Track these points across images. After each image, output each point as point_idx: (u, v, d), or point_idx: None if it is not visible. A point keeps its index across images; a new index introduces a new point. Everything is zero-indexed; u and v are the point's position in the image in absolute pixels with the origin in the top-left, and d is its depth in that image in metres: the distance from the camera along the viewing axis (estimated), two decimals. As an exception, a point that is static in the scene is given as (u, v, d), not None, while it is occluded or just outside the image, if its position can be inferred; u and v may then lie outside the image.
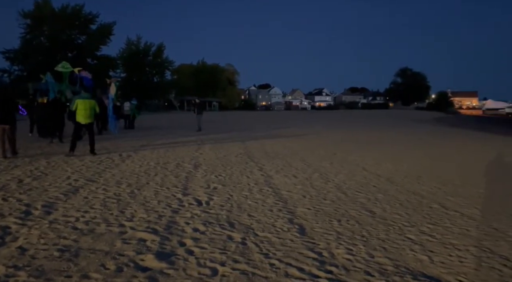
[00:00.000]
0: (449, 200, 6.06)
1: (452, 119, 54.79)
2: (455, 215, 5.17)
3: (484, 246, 3.99)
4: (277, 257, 3.40)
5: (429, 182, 7.52)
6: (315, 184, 6.89)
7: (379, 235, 4.19)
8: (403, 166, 9.49)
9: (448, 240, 4.12)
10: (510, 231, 4.54)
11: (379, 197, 6.12)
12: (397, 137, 19.14)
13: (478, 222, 4.88)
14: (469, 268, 3.35)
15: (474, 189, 7.01)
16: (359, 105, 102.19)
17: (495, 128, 33.27)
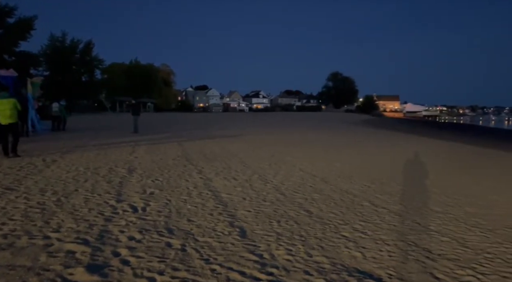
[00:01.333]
0: (378, 198, 6.48)
1: (378, 121, 58.92)
2: (383, 212, 5.54)
3: (410, 240, 4.32)
4: (218, 262, 3.35)
5: (360, 181, 7.98)
6: (255, 186, 6.94)
7: (317, 234, 4.33)
8: (337, 166, 9.96)
9: (378, 236, 4.40)
10: (431, 225, 4.97)
11: (315, 196, 6.34)
12: (330, 139, 20.08)
13: (404, 218, 5.28)
14: (397, 262, 3.60)
15: (399, 186, 7.58)
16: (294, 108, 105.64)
17: (415, 130, 36.47)
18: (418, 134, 29.04)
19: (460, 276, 3.32)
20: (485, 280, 3.26)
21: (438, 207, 5.98)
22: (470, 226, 5.00)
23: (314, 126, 32.82)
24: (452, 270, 3.45)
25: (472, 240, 4.39)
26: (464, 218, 5.38)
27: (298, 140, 18.16)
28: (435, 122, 70.20)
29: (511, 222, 5.24)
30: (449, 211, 5.77)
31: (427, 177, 8.83)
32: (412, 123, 56.24)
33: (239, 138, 17.90)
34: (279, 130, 25.54)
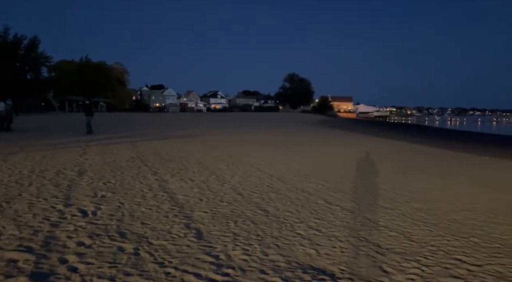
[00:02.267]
0: (332, 196, 6.68)
1: (332, 121, 60.85)
2: (337, 209, 5.72)
3: (361, 235, 4.49)
4: (173, 264, 3.28)
5: (316, 180, 8.18)
6: (212, 187, 6.89)
7: (273, 233, 4.38)
8: (293, 166, 10.14)
9: (332, 232, 4.53)
10: (381, 221, 5.21)
11: (272, 196, 6.42)
12: (287, 139, 20.41)
13: (356, 214, 5.48)
14: (349, 257, 3.73)
15: (352, 184, 7.87)
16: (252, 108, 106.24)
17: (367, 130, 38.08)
18: (370, 134, 30.31)
19: (406, 269, 3.51)
20: (428, 271, 3.47)
21: (387, 204, 6.27)
22: (416, 220, 5.30)
23: (272, 127, 33.20)
24: (399, 263, 3.64)
25: (418, 234, 4.66)
26: (411, 213, 5.69)
27: (256, 140, 18.28)
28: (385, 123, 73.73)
29: (452, 216, 5.62)
30: (397, 207, 6.07)
31: (378, 175, 9.24)
32: (364, 124, 58.61)
33: (197, 138, 17.69)
34: (237, 131, 25.56)
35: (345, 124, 53.94)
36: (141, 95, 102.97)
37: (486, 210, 6.04)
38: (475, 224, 5.19)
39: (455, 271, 3.50)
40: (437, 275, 3.38)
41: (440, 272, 3.46)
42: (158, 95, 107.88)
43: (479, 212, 5.90)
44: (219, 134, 21.24)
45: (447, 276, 3.37)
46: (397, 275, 3.35)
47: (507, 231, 4.88)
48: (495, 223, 5.29)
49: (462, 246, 4.23)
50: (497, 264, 3.73)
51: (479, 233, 4.79)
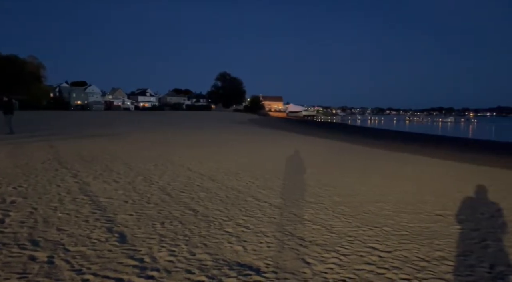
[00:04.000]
0: (260, 193, 6.84)
1: (264, 120, 62.17)
2: (265, 206, 5.88)
3: (287, 230, 4.67)
4: (92, 271, 3.11)
5: (246, 178, 8.31)
6: (138, 188, 6.64)
7: (201, 232, 4.37)
8: (224, 164, 10.18)
9: (259, 228, 4.65)
10: (306, 215, 5.46)
11: (202, 195, 6.38)
12: (218, 138, 20.39)
13: (282, 210, 5.68)
14: (274, 252, 3.86)
15: (280, 181, 8.12)
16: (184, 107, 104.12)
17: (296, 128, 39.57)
18: (299, 132, 31.54)
19: (326, 259, 3.74)
20: (345, 260, 3.74)
21: (312, 198, 6.60)
22: (337, 213, 5.66)
23: (204, 126, 32.91)
24: (320, 254, 3.86)
25: (338, 225, 4.98)
26: (332, 207, 6.05)
27: (188, 139, 17.98)
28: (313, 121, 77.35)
29: (369, 208, 6.09)
30: (321, 201, 6.41)
31: (305, 171, 9.67)
32: (294, 123, 60.81)
33: (123, 138, 16.87)
34: (167, 130, 24.87)
35: (276, 123, 55.40)
36: (60, 92, 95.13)
37: (397, 201, 6.65)
38: (388, 214, 5.69)
39: (368, 258, 3.81)
40: (353, 263, 3.66)
41: (355, 260, 3.74)
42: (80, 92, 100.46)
43: (391, 203, 6.49)
44: (147, 133, 20.48)
45: (361, 263, 3.66)
46: (317, 266, 3.55)
47: (413, 219, 5.44)
48: (404, 212, 5.86)
49: (376, 235, 4.62)
50: (404, 249, 4.14)
51: (391, 222, 5.27)
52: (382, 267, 3.59)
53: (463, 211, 5.99)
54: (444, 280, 3.35)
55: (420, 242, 4.40)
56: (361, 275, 3.39)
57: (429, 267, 3.63)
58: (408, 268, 3.59)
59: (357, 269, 3.52)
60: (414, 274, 3.46)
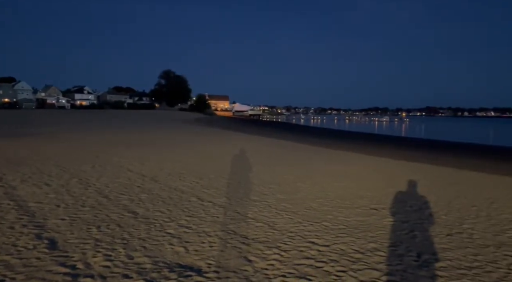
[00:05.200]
0: (205, 192, 6.77)
1: (210, 119, 61.73)
2: (209, 205, 5.83)
3: (230, 229, 4.67)
4: (16, 281, 2.86)
5: (190, 178, 8.18)
6: (73, 191, 6.25)
7: (140, 235, 4.22)
8: (168, 164, 9.93)
9: (202, 228, 4.60)
10: (249, 213, 5.50)
11: (143, 197, 6.17)
12: (162, 137, 19.85)
13: (226, 209, 5.68)
14: (217, 251, 3.84)
15: (225, 180, 8.10)
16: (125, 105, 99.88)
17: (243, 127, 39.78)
18: (245, 131, 31.74)
19: (268, 256, 3.80)
20: (286, 256, 3.83)
21: (256, 197, 6.67)
22: (280, 210, 5.77)
23: (147, 125, 31.85)
24: (262, 251, 3.92)
25: (280, 222, 5.08)
26: (275, 204, 6.17)
27: (128, 139, 17.27)
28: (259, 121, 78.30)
29: (310, 204, 6.29)
30: (264, 199, 6.50)
31: (250, 170, 9.75)
32: (240, 122, 61.09)
33: (56, 137, 15.78)
34: (107, 129, 23.71)
35: (222, 122, 55.26)
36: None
37: (336, 196, 6.95)
38: (327, 210, 5.93)
39: (308, 253, 3.94)
40: (293, 258, 3.75)
41: (296, 255, 3.84)
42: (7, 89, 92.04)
43: (331, 199, 6.76)
44: (83, 133, 19.36)
45: (301, 258, 3.77)
46: (259, 263, 3.59)
47: (350, 214, 5.71)
48: (342, 207, 6.13)
49: (315, 230, 4.79)
50: (341, 243, 4.33)
51: (329, 217, 5.49)
52: (320, 261, 3.73)
53: (395, 204, 6.41)
54: (376, 270, 3.56)
55: (356, 235, 4.63)
56: (300, 270, 3.48)
57: (363, 259, 3.84)
58: (344, 261, 3.76)
59: (297, 264, 3.61)
60: (349, 266, 3.64)
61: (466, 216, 5.83)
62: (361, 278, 3.37)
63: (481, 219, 5.68)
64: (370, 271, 3.53)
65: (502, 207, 6.54)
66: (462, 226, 5.22)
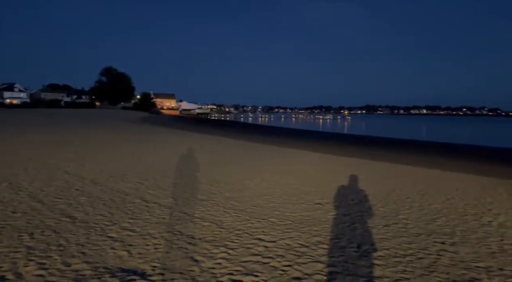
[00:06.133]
0: (150, 194, 6.56)
1: (156, 118, 59.92)
2: (154, 207, 5.66)
3: (176, 229, 4.57)
4: None
5: (133, 179, 7.87)
6: (2, 196, 5.75)
7: (79, 240, 3.98)
8: (110, 165, 9.48)
9: (146, 230, 4.45)
10: (196, 213, 5.43)
11: (82, 200, 5.83)
12: (104, 137, 18.92)
13: (172, 210, 5.55)
14: (162, 253, 3.74)
15: (171, 180, 7.92)
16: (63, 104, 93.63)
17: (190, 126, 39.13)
18: (192, 130, 31.25)
19: (215, 254, 3.78)
20: (234, 253, 3.83)
21: (203, 196, 6.60)
22: (227, 208, 5.77)
23: (87, 124, 30.17)
24: (209, 250, 3.89)
25: (227, 220, 5.08)
26: (223, 203, 6.15)
27: (65, 139, 16.22)
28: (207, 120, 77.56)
29: (257, 201, 6.36)
30: (212, 198, 6.45)
31: (197, 169, 9.62)
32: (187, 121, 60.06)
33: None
34: (41, 130, 22.08)
35: (169, 121, 53.91)
36: None
37: (283, 193, 7.10)
38: (274, 206, 6.03)
39: (255, 249, 3.98)
40: (240, 256, 3.77)
41: (243, 253, 3.86)
42: None
43: (278, 195, 6.89)
44: (15, 134, 17.87)
45: (248, 255, 3.80)
46: (206, 262, 3.56)
47: (296, 209, 5.86)
48: (288, 203, 6.28)
49: (263, 227, 4.85)
50: (287, 238, 4.43)
51: (276, 213, 5.59)
52: (267, 257, 3.78)
53: (337, 198, 6.69)
54: (320, 262, 3.69)
55: (301, 230, 4.76)
56: (247, 267, 3.51)
57: (308, 252, 3.96)
58: (290, 255, 3.85)
59: (244, 261, 3.63)
60: (295, 260, 3.73)
61: (401, 207, 6.25)
62: (305, 271, 3.47)
63: (415, 209, 6.12)
64: (314, 263, 3.65)
65: (432, 198, 7.11)
66: (397, 217, 5.58)
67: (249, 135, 28.95)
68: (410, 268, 3.62)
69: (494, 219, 5.63)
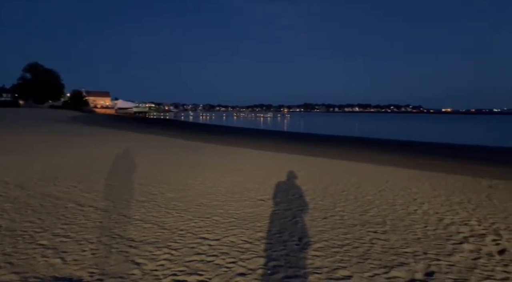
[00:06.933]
0: (84, 197, 6.20)
1: (89, 118, 56.53)
2: (89, 210, 5.36)
3: (115, 233, 4.38)
4: None
5: (66, 182, 7.38)
6: None
7: (5, 250, 3.65)
8: (38, 168, 8.77)
9: (82, 236, 4.21)
10: (137, 215, 5.24)
11: (7, 207, 5.34)
12: (32, 138, 17.43)
13: (110, 213, 5.30)
14: (100, 258, 3.57)
15: (108, 182, 7.55)
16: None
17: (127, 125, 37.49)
18: (129, 130, 29.98)
19: (158, 256, 3.69)
20: (177, 254, 3.77)
21: (143, 197, 6.38)
22: (170, 209, 5.65)
23: (9, 124, 27.56)
24: (151, 252, 3.78)
25: (170, 221, 4.97)
26: (165, 203, 6.01)
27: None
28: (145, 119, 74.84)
29: (200, 200, 6.31)
30: (153, 199, 6.27)
31: (136, 170, 9.27)
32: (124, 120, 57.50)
33: None
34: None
35: (104, 120, 51.15)
36: None
37: (226, 191, 7.12)
38: (217, 204, 6.03)
39: (199, 248, 3.95)
40: (184, 256, 3.72)
41: (187, 252, 3.82)
42: None
43: (221, 193, 6.90)
44: None
45: (192, 254, 3.77)
46: (148, 265, 3.46)
47: (240, 207, 5.92)
48: (232, 201, 6.31)
49: (206, 225, 4.83)
50: (231, 235, 4.46)
51: (220, 211, 5.60)
52: (211, 255, 3.78)
53: (279, 194, 6.88)
54: (263, 257, 3.77)
55: (245, 227, 4.82)
56: (191, 266, 3.48)
57: (252, 248, 4.02)
58: (234, 252, 3.89)
59: (188, 261, 3.60)
60: (239, 256, 3.77)
61: (338, 200, 6.59)
62: (249, 266, 3.53)
63: (350, 201, 6.50)
64: (258, 259, 3.72)
65: (366, 190, 7.60)
66: (335, 209, 5.89)
67: (190, 134, 28.54)
68: (347, 257, 3.85)
69: (419, 208, 6.17)
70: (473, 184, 8.92)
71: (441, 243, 4.38)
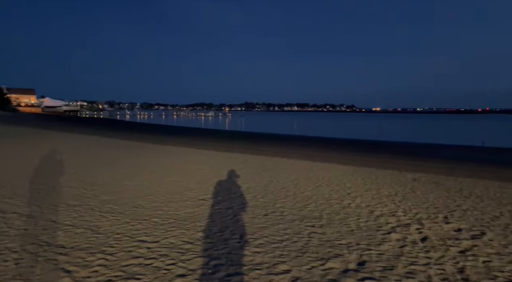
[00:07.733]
0: (6, 203, 5.65)
1: (11, 117, 51.58)
2: (12, 217, 4.90)
3: (42, 240, 4.05)
4: None
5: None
6: None
7: None
8: None
9: (4, 245, 3.84)
10: (67, 220, 4.89)
11: None
12: None
13: (37, 219, 4.89)
14: (25, 268, 3.28)
15: (33, 186, 6.96)
16: None
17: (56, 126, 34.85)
18: (59, 130, 27.92)
19: (91, 262, 3.48)
20: (113, 259, 3.59)
21: (75, 201, 5.99)
22: (104, 212, 5.36)
23: None
24: (84, 258, 3.56)
25: (105, 225, 4.72)
26: (99, 206, 5.69)
27: None
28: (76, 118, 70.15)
29: (138, 202, 6.07)
30: (86, 203, 5.91)
31: (68, 172, 8.66)
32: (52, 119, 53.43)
33: None
34: None
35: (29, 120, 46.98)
36: None
37: (166, 192, 6.93)
38: (157, 206, 5.85)
39: (137, 252, 3.80)
40: (120, 260, 3.55)
41: (123, 257, 3.65)
42: None
43: (160, 194, 6.70)
44: None
45: (129, 258, 3.61)
46: (80, 272, 3.26)
47: (180, 207, 5.80)
48: (172, 201, 6.16)
49: (145, 228, 4.66)
50: (171, 236, 4.36)
51: (159, 213, 5.43)
52: (150, 258, 3.66)
53: (221, 193, 6.86)
54: (204, 257, 3.74)
55: (185, 227, 4.74)
56: (128, 270, 3.33)
57: (192, 248, 3.97)
58: (174, 253, 3.80)
59: (124, 266, 3.44)
60: (179, 257, 3.70)
61: (278, 197, 6.75)
62: (190, 267, 3.48)
63: (289, 198, 6.69)
64: (199, 258, 3.68)
65: (304, 186, 7.87)
66: (275, 206, 6.02)
67: (127, 134, 27.34)
68: (286, 251, 3.95)
69: (352, 201, 6.54)
70: (399, 177, 9.66)
71: (372, 234, 4.68)
